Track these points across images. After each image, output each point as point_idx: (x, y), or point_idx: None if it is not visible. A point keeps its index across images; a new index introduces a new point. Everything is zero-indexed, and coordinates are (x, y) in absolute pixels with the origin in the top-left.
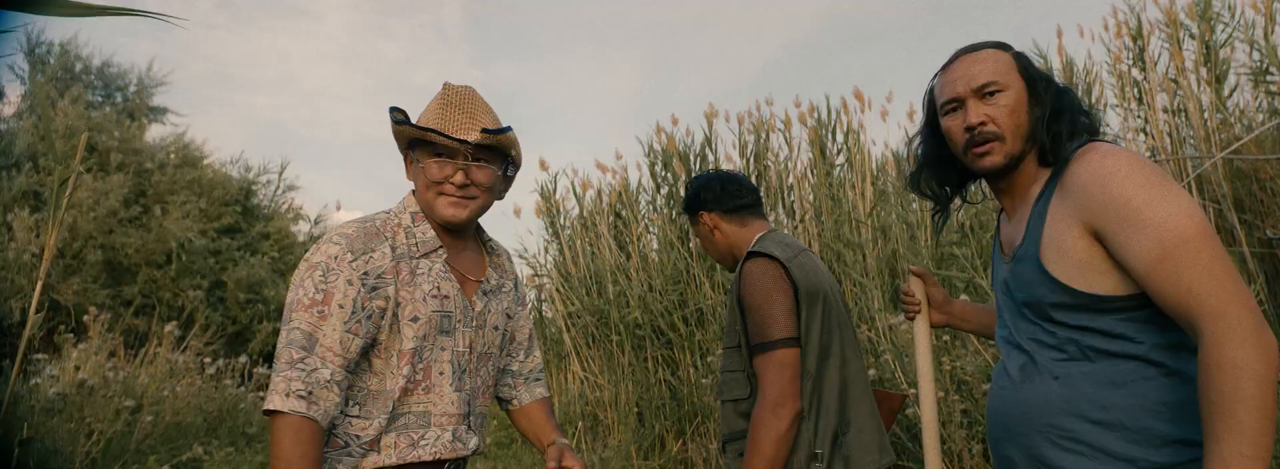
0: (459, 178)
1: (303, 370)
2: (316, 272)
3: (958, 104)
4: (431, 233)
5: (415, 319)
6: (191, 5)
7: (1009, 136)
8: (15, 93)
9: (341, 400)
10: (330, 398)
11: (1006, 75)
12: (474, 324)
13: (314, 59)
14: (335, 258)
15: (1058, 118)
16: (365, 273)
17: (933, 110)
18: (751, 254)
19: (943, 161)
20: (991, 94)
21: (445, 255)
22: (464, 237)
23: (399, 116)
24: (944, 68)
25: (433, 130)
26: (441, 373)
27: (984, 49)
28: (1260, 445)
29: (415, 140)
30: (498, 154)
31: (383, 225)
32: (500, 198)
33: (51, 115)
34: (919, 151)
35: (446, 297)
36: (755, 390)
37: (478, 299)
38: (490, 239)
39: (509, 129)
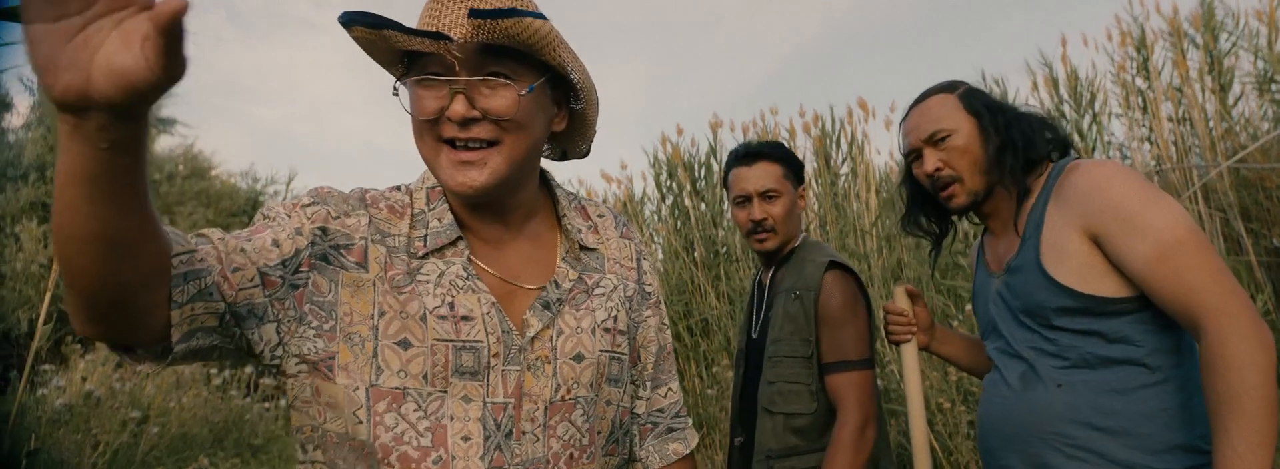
0: (459, 107)
1: None
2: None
3: (916, 154)
4: (449, 217)
5: (405, 344)
6: (200, 18)
7: (967, 176)
8: (24, 104)
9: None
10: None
11: (951, 119)
12: (526, 359)
13: (321, 70)
14: (286, 204)
15: (1007, 150)
16: (322, 228)
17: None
18: (833, 264)
19: (928, 200)
20: (941, 140)
21: (468, 251)
22: (510, 214)
23: (345, 17)
24: (902, 121)
25: (381, 22)
26: (465, 438)
27: (930, 97)
28: (1266, 433)
29: (409, 65)
30: (527, 64)
31: (374, 198)
32: (579, 152)
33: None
34: (905, 195)
35: (466, 318)
36: (822, 406)
37: (533, 318)
38: (569, 208)
39: (531, 13)
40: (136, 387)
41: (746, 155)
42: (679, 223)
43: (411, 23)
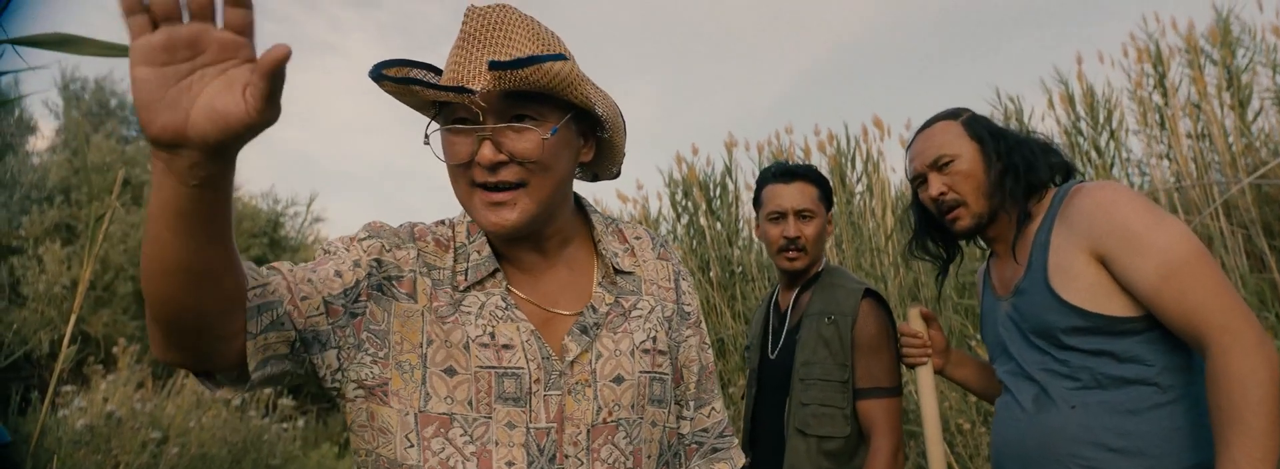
0: (487, 153)
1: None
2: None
3: (922, 179)
4: (487, 250)
5: (450, 372)
6: None
7: (971, 199)
8: (50, 127)
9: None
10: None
11: (955, 145)
12: (566, 383)
13: (341, 93)
14: (344, 239)
15: (1009, 175)
16: (377, 260)
17: None
18: (870, 292)
19: (935, 225)
20: (945, 165)
21: (506, 283)
22: (547, 242)
23: (375, 71)
24: (907, 148)
25: (407, 77)
26: (510, 463)
27: (935, 124)
28: (1268, 448)
29: (440, 109)
30: (550, 105)
31: (421, 233)
32: (610, 175)
33: (86, 150)
34: (912, 220)
35: (507, 346)
36: (856, 430)
37: (571, 342)
38: (605, 233)
39: (549, 58)
40: (157, 407)
41: (783, 174)
42: (695, 243)
43: (442, 56)
